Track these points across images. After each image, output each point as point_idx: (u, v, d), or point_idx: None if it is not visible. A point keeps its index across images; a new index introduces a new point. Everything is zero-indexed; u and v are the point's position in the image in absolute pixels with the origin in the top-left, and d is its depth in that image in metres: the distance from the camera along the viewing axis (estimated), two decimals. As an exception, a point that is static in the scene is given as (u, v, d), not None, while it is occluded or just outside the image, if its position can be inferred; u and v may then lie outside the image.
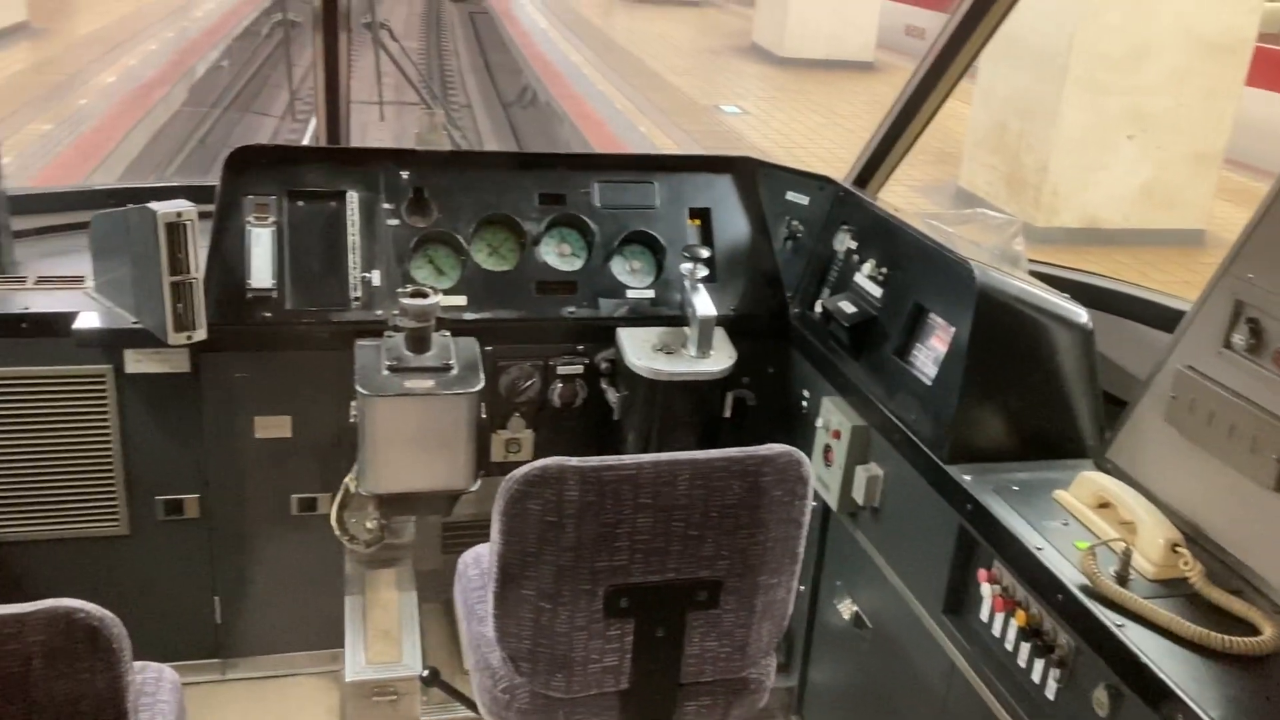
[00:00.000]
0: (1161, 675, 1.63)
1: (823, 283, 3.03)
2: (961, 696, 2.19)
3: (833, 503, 2.70)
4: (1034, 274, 2.68)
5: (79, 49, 15.55)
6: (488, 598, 1.95)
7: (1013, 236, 2.81)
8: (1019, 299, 2.35)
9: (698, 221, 3.21)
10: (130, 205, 2.61)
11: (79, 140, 10.50)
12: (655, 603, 1.93)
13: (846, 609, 2.74)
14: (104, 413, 2.83)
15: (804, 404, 3.00)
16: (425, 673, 2.42)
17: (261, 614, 3.15)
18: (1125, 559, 1.85)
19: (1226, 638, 1.68)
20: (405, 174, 3.01)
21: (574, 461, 1.81)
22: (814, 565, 2.92)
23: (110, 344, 2.75)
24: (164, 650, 3.01)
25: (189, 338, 2.63)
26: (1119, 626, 1.73)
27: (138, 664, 2.11)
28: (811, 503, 1.98)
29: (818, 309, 2.95)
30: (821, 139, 13.32)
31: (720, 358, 2.88)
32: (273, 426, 2.93)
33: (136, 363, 2.80)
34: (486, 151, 3.80)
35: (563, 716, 2.02)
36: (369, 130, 8.09)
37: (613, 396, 2.98)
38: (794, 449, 1.92)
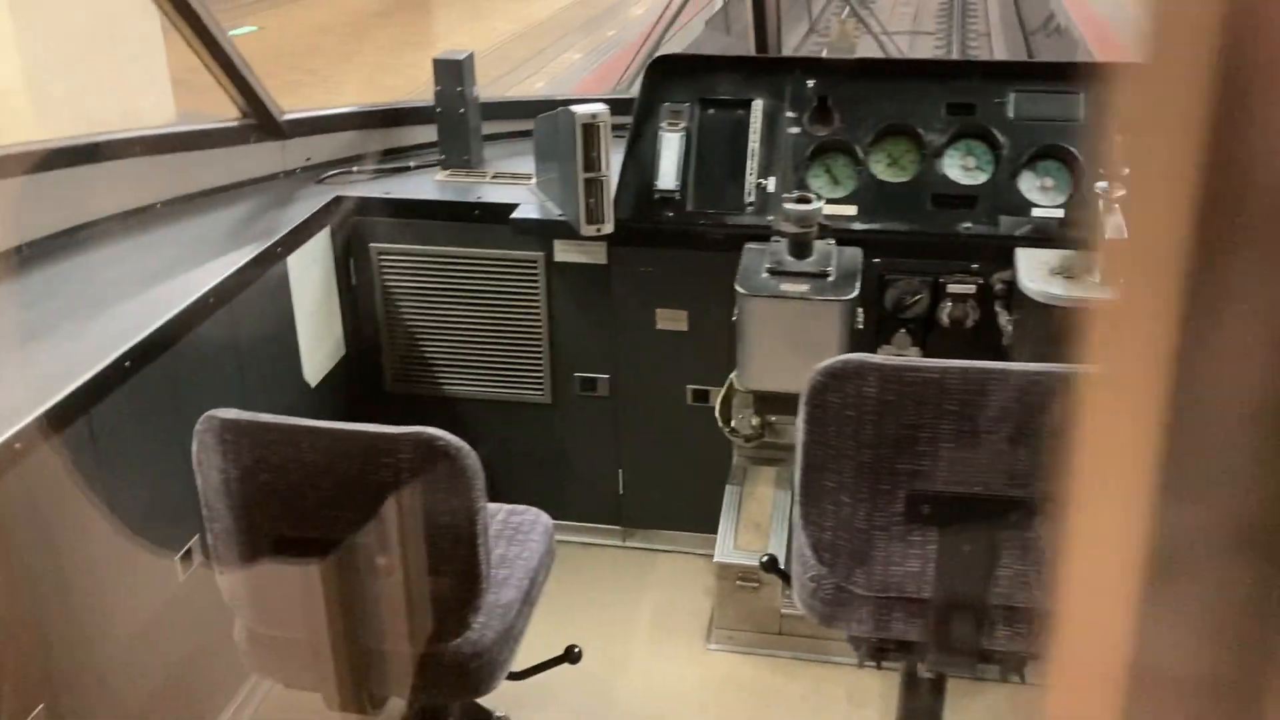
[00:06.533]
0: None
1: None
2: None
3: None
4: None
5: (620, -16, 17.05)
6: (795, 486, 2.00)
7: None
8: None
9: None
10: (561, 109, 2.93)
11: (600, 68, 11.63)
12: (960, 515, 1.87)
13: None
14: (535, 294, 3.22)
15: None
16: (765, 558, 2.53)
17: (658, 491, 3.43)
18: None
19: None
20: (811, 82, 3.06)
21: (876, 359, 1.80)
22: None
23: (541, 233, 3.11)
24: (575, 510, 3.42)
25: (598, 230, 2.92)
26: None
27: (519, 506, 2.43)
28: None
29: None
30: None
31: None
32: (671, 319, 3.16)
33: (563, 252, 3.15)
34: (895, 59, 3.72)
35: (866, 615, 2.03)
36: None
37: (1005, 320, 2.85)
38: None
